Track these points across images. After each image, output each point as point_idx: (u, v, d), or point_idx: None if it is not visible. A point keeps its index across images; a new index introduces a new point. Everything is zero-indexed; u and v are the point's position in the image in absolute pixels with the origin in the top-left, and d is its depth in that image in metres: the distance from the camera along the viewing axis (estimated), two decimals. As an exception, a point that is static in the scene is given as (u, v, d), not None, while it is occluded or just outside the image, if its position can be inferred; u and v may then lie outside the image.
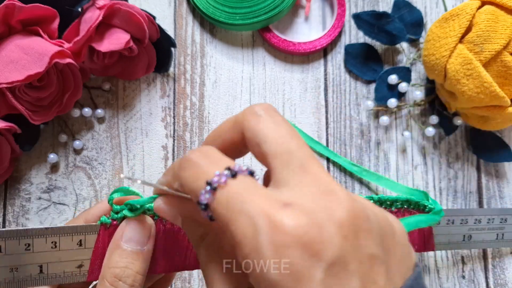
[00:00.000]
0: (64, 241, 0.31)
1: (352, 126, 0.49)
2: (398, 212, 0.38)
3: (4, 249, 0.30)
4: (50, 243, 0.30)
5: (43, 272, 0.31)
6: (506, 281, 0.47)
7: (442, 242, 0.40)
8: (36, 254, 0.30)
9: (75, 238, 0.31)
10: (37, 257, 0.30)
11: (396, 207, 0.38)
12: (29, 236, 0.30)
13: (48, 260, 0.31)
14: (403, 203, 0.38)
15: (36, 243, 0.30)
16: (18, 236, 0.30)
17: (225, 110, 0.49)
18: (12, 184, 0.47)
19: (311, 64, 0.50)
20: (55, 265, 0.31)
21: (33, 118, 0.42)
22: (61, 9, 0.42)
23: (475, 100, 0.42)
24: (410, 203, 0.38)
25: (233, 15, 0.48)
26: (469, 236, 0.42)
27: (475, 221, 0.42)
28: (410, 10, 0.49)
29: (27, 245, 0.30)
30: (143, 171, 0.47)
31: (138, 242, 0.31)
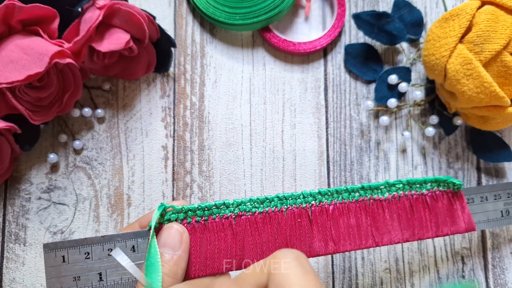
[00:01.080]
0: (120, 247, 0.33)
1: (352, 126, 0.49)
2: (430, 193, 0.38)
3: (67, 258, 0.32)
4: (107, 250, 0.32)
5: (102, 279, 0.32)
6: (506, 281, 0.47)
7: (481, 221, 0.41)
8: (95, 262, 0.32)
9: (128, 244, 0.33)
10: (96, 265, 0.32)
11: (426, 188, 0.38)
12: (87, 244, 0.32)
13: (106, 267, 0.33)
14: (432, 183, 0.38)
15: (94, 251, 0.32)
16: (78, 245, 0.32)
17: (225, 110, 0.49)
18: (12, 184, 0.47)
19: (311, 64, 0.50)
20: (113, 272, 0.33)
21: (33, 118, 0.42)
22: (61, 9, 0.42)
23: (475, 100, 0.42)
24: (439, 183, 0.38)
25: (233, 15, 0.48)
26: (507, 211, 0.42)
27: (508, 195, 0.42)
28: (410, 10, 0.49)
29: (86, 254, 0.32)
30: (143, 171, 0.47)
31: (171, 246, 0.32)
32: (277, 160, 0.48)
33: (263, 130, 0.49)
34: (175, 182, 0.47)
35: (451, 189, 0.39)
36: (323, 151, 0.49)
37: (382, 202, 0.37)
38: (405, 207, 0.37)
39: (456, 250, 0.47)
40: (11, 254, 0.46)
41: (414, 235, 0.37)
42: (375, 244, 0.36)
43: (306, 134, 0.49)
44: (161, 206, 0.34)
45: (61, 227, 0.46)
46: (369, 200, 0.37)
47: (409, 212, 0.37)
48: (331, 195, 0.36)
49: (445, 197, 0.39)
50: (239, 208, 0.35)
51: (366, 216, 0.36)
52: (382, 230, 0.37)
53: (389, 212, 0.37)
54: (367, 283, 0.46)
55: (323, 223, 0.36)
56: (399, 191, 0.37)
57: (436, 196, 0.38)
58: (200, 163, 0.48)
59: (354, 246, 0.36)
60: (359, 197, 0.37)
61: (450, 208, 0.39)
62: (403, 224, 0.37)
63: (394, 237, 0.37)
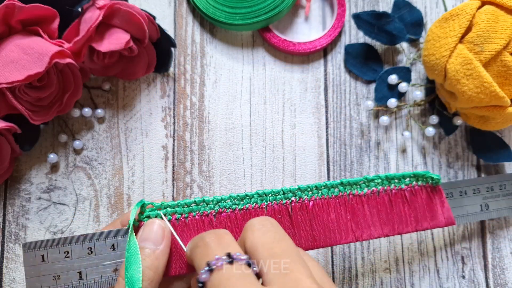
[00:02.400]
0: (99, 246, 0.33)
1: (352, 126, 0.49)
2: (409, 188, 0.38)
3: (46, 258, 0.32)
4: (87, 249, 0.33)
5: (82, 278, 0.33)
6: (506, 281, 0.47)
7: (461, 215, 0.41)
8: (75, 261, 0.32)
9: (108, 243, 0.33)
10: (76, 264, 0.32)
11: (405, 183, 0.38)
12: (67, 243, 0.32)
13: (85, 266, 0.33)
14: (411, 178, 0.38)
15: (74, 249, 0.32)
16: (57, 244, 0.32)
17: (225, 110, 0.49)
18: (12, 184, 0.47)
19: (311, 64, 0.50)
20: (93, 270, 0.33)
21: (33, 118, 0.42)
22: (61, 9, 0.42)
23: (475, 100, 0.42)
24: (417, 178, 0.38)
25: (233, 15, 0.48)
26: (486, 205, 0.42)
27: (487, 189, 0.43)
28: (410, 10, 0.49)
29: (66, 253, 0.32)
30: (143, 171, 0.47)
31: (152, 241, 0.32)
32: (277, 160, 0.48)
33: (263, 130, 0.49)
34: (175, 182, 0.47)
35: (429, 183, 0.39)
36: (323, 151, 0.49)
37: (362, 197, 0.37)
38: (384, 202, 0.38)
39: (456, 250, 0.47)
40: (11, 254, 0.46)
41: (394, 230, 0.37)
42: (355, 239, 0.37)
43: (306, 134, 0.49)
44: (140, 203, 0.34)
45: (61, 227, 0.46)
46: (348, 195, 0.37)
47: (388, 207, 0.38)
48: (311, 190, 0.36)
49: (424, 191, 0.39)
50: (219, 205, 0.35)
51: (346, 212, 0.37)
52: (362, 225, 0.37)
53: (369, 207, 0.37)
54: (367, 283, 0.46)
55: (303, 219, 0.36)
56: (378, 186, 0.38)
57: (415, 191, 0.38)
58: (200, 163, 0.48)
59: (334, 242, 0.36)
60: (338, 192, 0.37)
61: (429, 203, 0.39)
62: (383, 219, 0.37)
63: (374, 232, 0.37)
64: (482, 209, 0.42)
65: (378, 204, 0.37)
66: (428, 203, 0.39)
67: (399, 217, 0.38)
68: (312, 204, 0.36)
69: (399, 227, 0.38)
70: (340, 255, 0.47)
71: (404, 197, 0.38)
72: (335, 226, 0.36)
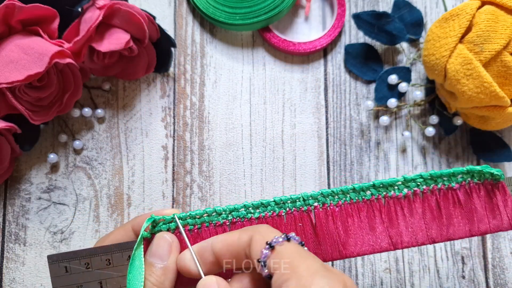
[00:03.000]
0: (116, 258, 0.34)
1: (352, 126, 0.49)
2: (462, 188, 0.33)
3: (69, 269, 0.33)
4: (105, 260, 0.33)
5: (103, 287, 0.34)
6: (506, 281, 0.47)
7: None
8: (95, 272, 0.34)
9: (125, 254, 0.34)
10: (96, 275, 0.34)
11: (456, 181, 0.33)
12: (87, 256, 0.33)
13: (105, 276, 0.34)
14: (464, 175, 0.33)
15: (93, 261, 0.33)
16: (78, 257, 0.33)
17: (225, 110, 0.49)
18: (12, 184, 0.47)
19: (311, 64, 0.50)
20: (111, 281, 0.34)
21: (33, 118, 0.42)
22: (61, 9, 0.42)
23: (475, 100, 0.42)
24: (472, 174, 0.33)
25: (233, 15, 0.48)
26: None
27: None
28: (410, 10, 0.49)
29: (86, 264, 0.33)
30: (143, 171, 0.47)
31: (159, 256, 0.32)
32: (277, 160, 0.48)
33: (263, 130, 0.49)
34: (175, 182, 0.47)
35: (488, 180, 0.33)
36: (323, 151, 0.49)
37: (400, 200, 0.33)
38: (431, 205, 0.33)
39: (456, 250, 0.47)
40: (11, 254, 0.46)
41: (442, 235, 0.33)
42: (394, 247, 0.33)
43: (306, 134, 0.49)
44: (150, 219, 0.33)
45: (61, 227, 0.46)
46: (383, 198, 0.33)
47: (436, 210, 0.33)
48: (336, 195, 0.33)
49: (482, 189, 0.33)
50: (232, 214, 0.33)
51: (381, 216, 0.33)
52: (401, 231, 0.33)
53: (409, 211, 0.33)
54: (367, 283, 0.46)
55: (328, 227, 0.33)
56: (420, 186, 0.33)
57: (470, 190, 0.33)
58: (200, 163, 0.48)
59: (367, 250, 0.33)
60: (370, 195, 0.33)
61: (489, 203, 0.33)
62: (428, 224, 0.33)
63: (419, 238, 0.33)
64: None
65: (422, 207, 0.33)
66: (488, 203, 0.33)
67: (448, 220, 0.33)
68: (338, 210, 0.33)
69: (448, 232, 0.33)
70: (340, 255, 0.47)
71: (456, 197, 0.33)
72: (368, 232, 0.33)
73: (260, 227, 0.31)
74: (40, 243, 0.46)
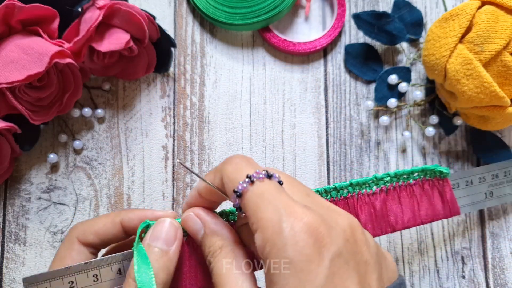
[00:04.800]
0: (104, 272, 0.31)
1: (352, 126, 0.49)
2: (417, 184, 0.38)
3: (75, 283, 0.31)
4: (92, 276, 0.31)
5: None
6: (506, 281, 0.47)
7: (466, 204, 0.42)
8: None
9: (114, 268, 0.32)
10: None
11: (413, 178, 0.38)
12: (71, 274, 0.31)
13: None
14: (419, 173, 0.38)
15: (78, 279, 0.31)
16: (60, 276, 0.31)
17: (225, 110, 0.49)
18: (12, 184, 0.47)
19: (311, 64, 0.50)
20: None
21: (33, 118, 0.42)
22: (61, 9, 0.42)
23: (475, 100, 0.42)
24: (426, 172, 0.38)
25: (233, 15, 0.48)
26: (490, 192, 0.43)
27: (492, 177, 0.43)
28: (410, 10, 0.49)
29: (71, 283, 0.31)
30: (143, 171, 0.47)
31: (164, 241, 0.31)
32: (277, 160, 0.48)
33: (263, 130, 0.49)
34: (175, 182, 0.47)
35: (437, 176, 0.39)
36: (323, 151, 0.49)
37: (370, 196, 0.37)
38: (394, 199, 0.38)
39: (456, 250, 0.47)
40: (11, 254, 0.46)
41: (403, 224, 0.37)
42: None
43: (306, 134, 0.49)
44: (144, 223, 0.32)
45: (61, 227, 0.46)
46: (357, 195, 0.36)
47: (398, 204, 0.38)
48: (320, 194, 0.35)
49: (431, 184, 0.39)
50: (228, 218, 0.33)
51: (355, 213, 0.36)
52: (373, 224, 0.37)
53: (379, 205, 0.37)
54: (367, 283, 0.46)
55: None
56: (387, 183, 0.37)
57: (422, 185, 0.38)
58: (200, 163, 0.48)
59: None
60: (347, 193, 0.36)
61: (436, 195, 0.39)
62: (392, 215, 0.37)
63: (384, 228, 0.37)
64: (486, 197, 0.43)
65: (387, 201, 0.37)
66: (435, 196, 0.39)
67: (407, 211, 0.38)
68: None
69: (409, 222, 0.38)
70: (340, 255, 0.47)
71: (412, 191, 0.38)
72: None
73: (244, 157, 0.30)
74: (40, 243, 0.46)
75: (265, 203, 0.26)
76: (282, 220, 0.25)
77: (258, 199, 0.27)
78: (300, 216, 0.25)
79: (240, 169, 0.28)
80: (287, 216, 0.25)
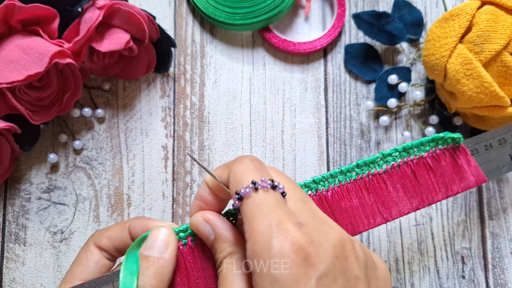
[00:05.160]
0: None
1: (352, 126, 0.49)
2: (431, 154, 0.35)
3: None
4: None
5: None
6: (506, 281, 0.47)
7: (491, 170, 0.38)
8: None
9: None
10: None
11: (425, 150, 0.35)
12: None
13: None
14: (430, 144, 0.35)
15: None
16: None
17: (225, 110, 0.49)
18: (12, 184, 0.47)
19: (311, 64, 0.50)
20: None
21: (33, 118, 0.42)
22: (61, 9, 0.42)
23: (475, 100, 0.42)
24: (437, 142, 0.36)
25: (233, 15, 0.48)
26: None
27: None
28: (410, 10, 0.49)
29: None
30: (143, 171, 0.47)
31: (156, 249, 0.31)
32: (277, 160, 0.48)
33: (263, 130, 0.49)
34: (175, 182, 0.47)
35: (451, 145, 0.36)
36: (323, 151, 0.49)
37: (382, 175, 0.35)
38: (408, 175, 0.35)
39: (456, 250, 0.47)
40: (11, 254, 0.46)
41: (424, 201, 0.35)
42: (385, 220, 0.34)
43: (306, 134, 0.49)
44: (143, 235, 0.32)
45: (61, 227, 0.46)
46: (367, 176, 0.34)
47: (413, 179, 0.35)
48: (326, 180, 0.34)
49: (447, 154, 0.36)
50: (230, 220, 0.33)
51: (369, 194, 0.34)
52: (389, 204, 0.34)
53: (392, 184, 0.35)
54: (367, 283, 0.46)
55: (324, 211, 0.33)
56: (396, 159, 0.35)
57: (437, 156, 0.36)
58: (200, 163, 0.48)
59: (362, 228, 0.34)
60: (356, 175, 0.34)
61: (455, 165, 0.36)
62: (409, 193, 0.35)
63: (403, 208, 0.34)
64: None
65: (401, 178, 0.35)
66: (454, 165, 0.36)
67: (426, 186, 0.35)
68: (331, 193, 0.34)
69: (428, 197, 0.35)
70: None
71: (427, 164, 0.35)
72: (360, 212, 0.34)
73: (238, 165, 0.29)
74: (40, 243, 0.46)
75: (261, 215, 0.27)
76: (272, 236, 0.25)
77: (256, 208, 0.27)
78: (291, 235, 0.26)
79: (247, 172, 0.28)
80: (278, 233, 0.26)
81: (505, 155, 0.39)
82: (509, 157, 0.39)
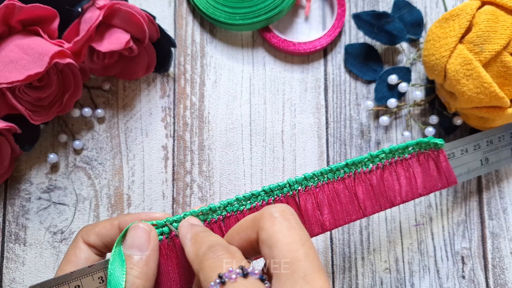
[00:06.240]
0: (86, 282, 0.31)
1: (352, 126, 0.49)
2: (413, 158, 0.39)
3: None
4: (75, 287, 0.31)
5: None
6: (506, 281, 0.47)
7: (462, 173, 0.42)
8: None
9: (95, 277, 0.32)
10: None
11: (409, 153, 0.39)
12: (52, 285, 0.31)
13: None
14: (414, 147, 0.39)
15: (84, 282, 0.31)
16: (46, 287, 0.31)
17: (225, 110, 0.49)
18: (12, 184, 0.47)
19: (311, 64, 0.50)
20: None
21: (33, 118, 0.42)
22: (61, 9, 0.42)
23: (475, 100, 0.42)
24: (421, 146, 0.39)
25: (233, 15, 0.48)
26: (486, 159, 0.44)
27: (487, 143, 0.44)
28: (410, 10, 0.49)
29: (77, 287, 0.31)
30: (143, 171, 0.47)
31: (137, 247, 0.31)
32: (277, 160, 0.48)
33: (263, 130, 0.49)
34: (175, 182, 0.47)
35: (432, 148, 0.39)
36: (323, 151, 0.49)
37: (367, 174, 0.37)
38: (391, 174, 0.38)
39: (456, 250, 0.47)
40: (11, 254, 0.46)
41: (401, 198, 0.38)
42: (363, 215, 0.37)
43: (306, 134, 0.49)
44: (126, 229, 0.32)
45: (61, 227, 0.46)
46: (354, 174, 0.37)
47: (395, 179, 0.38)
48: (316, 177, 0.36)
49: (426, 157, 0.39)
50: (226, 209, 0.34)
51: (352, 191, 0.37)
52: (371, 202, 0.37)
53: (376, 182, 0.37)
54: (367, 283, 0.46)
55: (312, 207, 0.36)
56: (382, 160, 0.38)
57: (418, 158, 0.39)
58: (200, 163, 0.48)
59: (342, 222, 0.36)
60: (343, 174, 0.37)
61: (431, 167, 0.39)
62: (390, 191, 0.38)
63: (383, 204, 0.37)
64: (482, 163, 0.43)
65: (384, 177, 0.38)
66: (431, 167, 0.39)
67: (404, 185, 0.38)
68: (318, 190, 0.36)
69: (407, 196, 0.38)
70: (340, 255, 0.47)
71: (408, 165, 0.39)
72: (343, 207, 0.36)
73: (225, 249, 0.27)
74: (40, 243, 0.46)
75: None
76: None
77: None
78: None
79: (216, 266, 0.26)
80: None
81: (477, 160, 0.43)
82: (479, 162, 0.43)
